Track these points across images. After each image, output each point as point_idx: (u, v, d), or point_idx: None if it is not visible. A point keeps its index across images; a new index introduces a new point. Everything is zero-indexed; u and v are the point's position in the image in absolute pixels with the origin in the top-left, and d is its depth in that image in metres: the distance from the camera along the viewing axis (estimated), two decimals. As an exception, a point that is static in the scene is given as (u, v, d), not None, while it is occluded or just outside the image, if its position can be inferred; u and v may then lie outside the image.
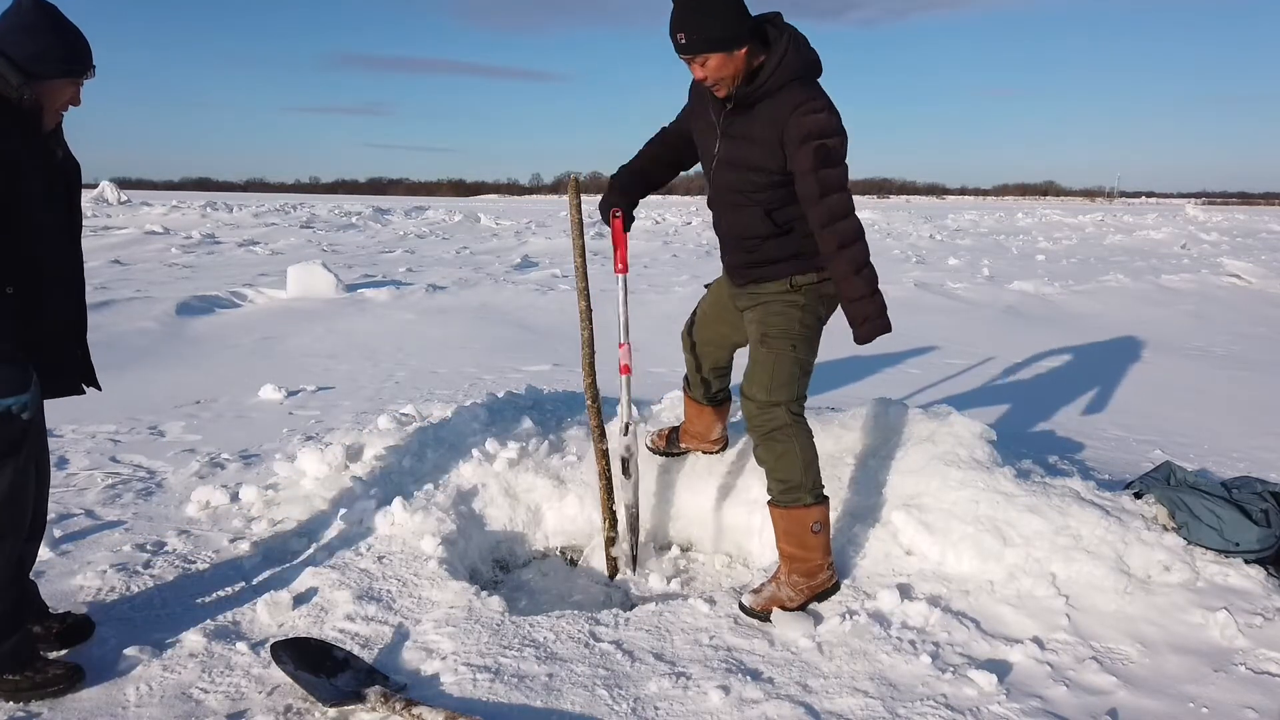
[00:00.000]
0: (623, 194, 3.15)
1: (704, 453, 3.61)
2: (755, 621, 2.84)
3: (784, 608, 2.85)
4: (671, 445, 3.63)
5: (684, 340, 3.42)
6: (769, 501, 2.99)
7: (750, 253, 2.94)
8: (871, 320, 2.78)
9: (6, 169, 2.27)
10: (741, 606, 2.88)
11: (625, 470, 3.27)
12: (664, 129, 3.19)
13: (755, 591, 2.91)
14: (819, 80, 2.78)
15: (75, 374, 2.60)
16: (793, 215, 2.83)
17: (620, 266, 3.16)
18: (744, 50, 2.66)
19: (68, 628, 2.68)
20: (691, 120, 3.04)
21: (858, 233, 2.75)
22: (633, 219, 3.18)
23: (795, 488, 2.90)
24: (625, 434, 3.25)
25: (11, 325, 2.32)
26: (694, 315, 3.38)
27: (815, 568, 2.93)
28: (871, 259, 2.79)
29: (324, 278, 10.56)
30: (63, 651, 2.62)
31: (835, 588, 2.99)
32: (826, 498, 2.98)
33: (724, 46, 2.63)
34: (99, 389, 2.68)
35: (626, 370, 3.21)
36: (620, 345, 3.19)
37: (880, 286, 2.80)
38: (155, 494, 3.92)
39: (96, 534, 3.46)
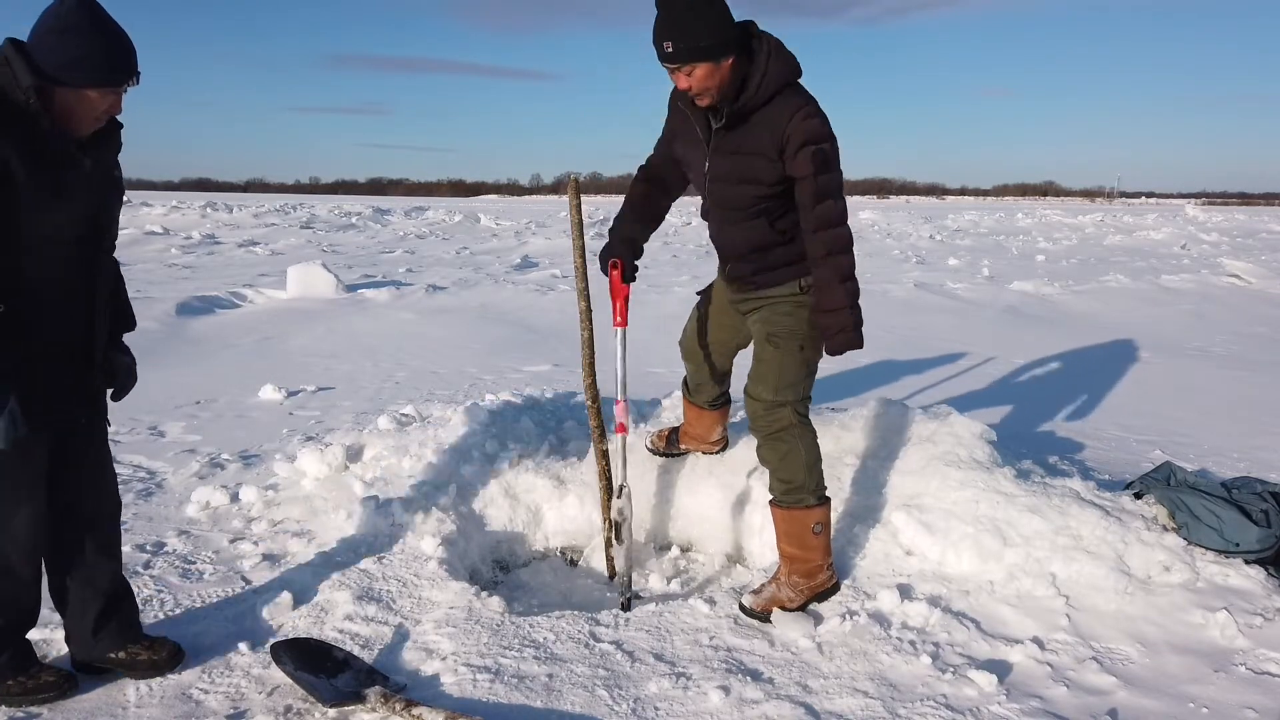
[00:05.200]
0: (622, 242, 3.01)
1: (704, 453, 3.61)
2: (755, 622, 2.84)
3: (784, 608, 2.85)
4: (671, 446, 3.62)
5: (683, 349, 3.40)
6: (771, 502, 2.99)
7: (756, 262, 2.90)
8: (846, 332, 2.75)
9: None
10: (741, 607, 2.88)
11: (618, 535, 3.01)
12: (645, 165, 3.10)
13: (755, 592, 2.91)
14: (800, 82, 2.73)
15: (74, 403, 2.37)
16: (796, 221, 2.80)
17: (619, 319, 2.99)
18: (730, 61, 2.60)
19: (166, 656, 2.55)
20: (675, 140, 2.96)
21: (847, 243, 2.72)
22: (636, 269, 3.01)
23: (798, 489, 2.90)
24: (619, 496, 3.00)
25: None
26: (692, 324, 3.34)
27: (815, 568, 2.93)
28: (857, 272, 2.75)
29: (324, 278, 10.56)
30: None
31: (835, 588, 2.99)
32: (828, 499, 2.98)
33: (711, 56, 2.57)
34: (108, 424, 2.48)
35: (623, 429, 2.99)
36: (618, 403, 3.00)
37: (868, 289, 2.77)
38: (155, 494, 3.92)
39: (96, 534, 3.46)
